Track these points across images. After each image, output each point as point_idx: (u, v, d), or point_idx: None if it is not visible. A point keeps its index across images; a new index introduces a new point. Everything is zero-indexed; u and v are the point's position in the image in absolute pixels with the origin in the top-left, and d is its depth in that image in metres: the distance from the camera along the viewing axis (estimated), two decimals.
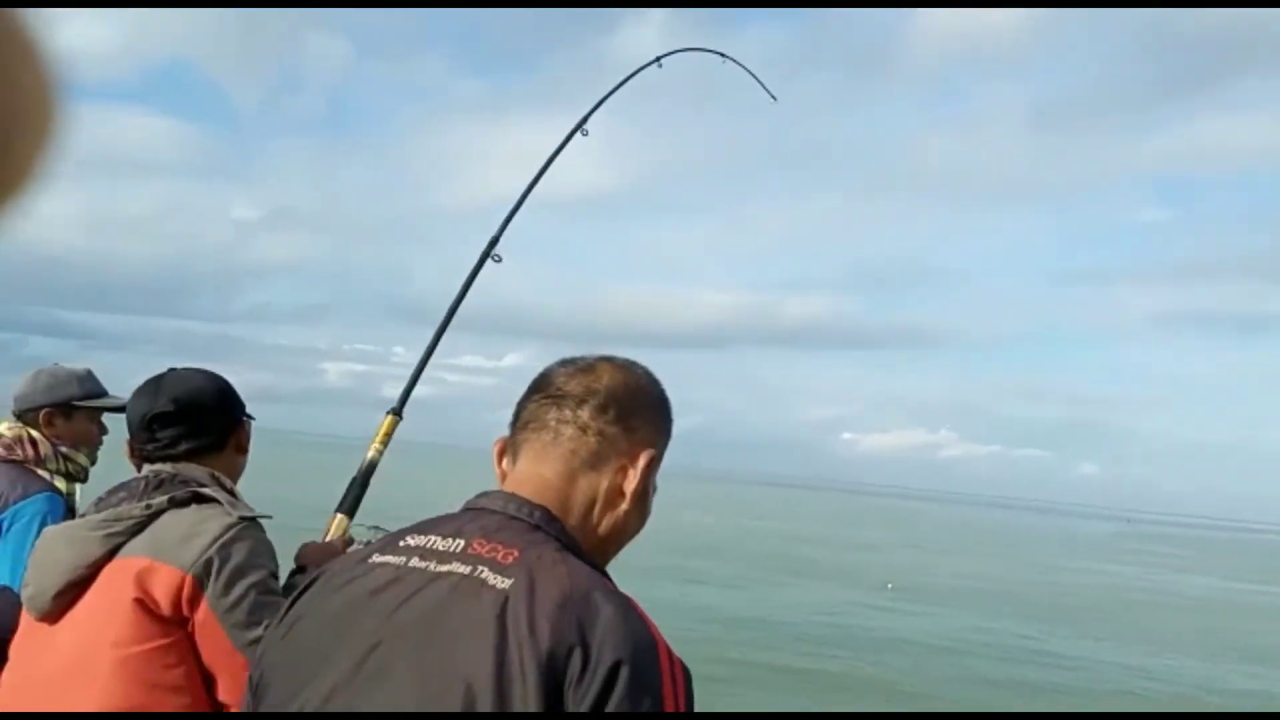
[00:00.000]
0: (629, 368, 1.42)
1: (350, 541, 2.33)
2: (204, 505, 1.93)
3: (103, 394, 3.08)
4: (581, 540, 1.33)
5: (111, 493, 2.00)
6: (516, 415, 1.42)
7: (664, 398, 1.44)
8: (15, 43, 0.41)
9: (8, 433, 2.98)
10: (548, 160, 3.09)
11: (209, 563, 1.83)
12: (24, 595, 1.96)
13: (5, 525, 2.81)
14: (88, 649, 1.83)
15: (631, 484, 1.35)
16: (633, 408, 1.38)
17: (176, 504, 1.91)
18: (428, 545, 1.28)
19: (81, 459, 3.03)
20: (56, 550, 1.92)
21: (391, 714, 1.20)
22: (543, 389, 1.40)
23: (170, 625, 1.82)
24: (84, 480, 3.06)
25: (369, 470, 2.49)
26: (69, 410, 3.00)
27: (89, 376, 3.07)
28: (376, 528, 2.37)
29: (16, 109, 0.41)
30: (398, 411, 2.61)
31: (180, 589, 1.82)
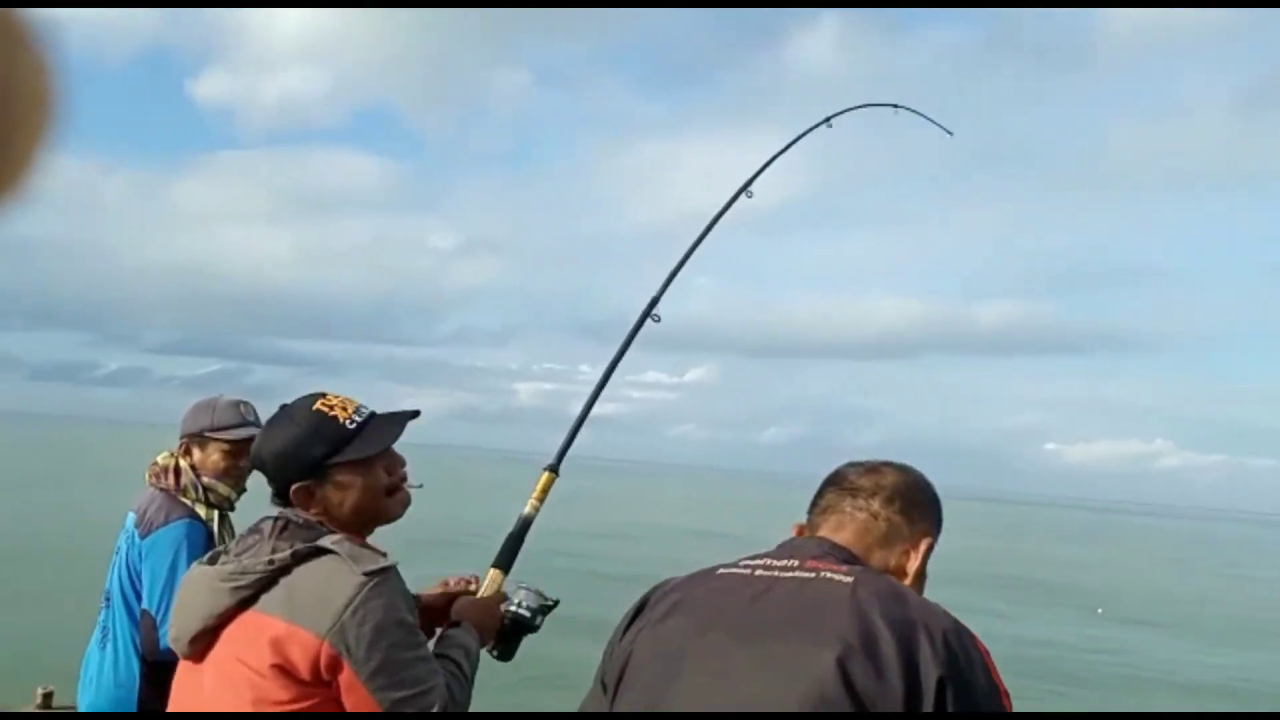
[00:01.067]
0: (907, 470, 1.74)
1: (504, 598, 2.30)
2: (327, 558, 1.88)
3: (237, 425, 3.04)
4: None
5: (251, 531, 2.02)
6: (814, 505, 1.73)
7: (937, 495, 1.73)
8: (8, 36, 0.41)
9: (160, 460, 3.08)
10: (711, 222, 2.98)
11: (344, 629, 1.80)
12: (169, 634, 2.02)
13: (145, 552, 2.93)
14: (232, 702, 1.85)
15: (914, 564, 1.65)
16: (913, 501, 1.68)
17: (299, 558, 1.87)
18: (764, 564, 1.61)
19: (222, 489, 3.03)
20: (197, 594, 1.94)
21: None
22: (837, 483, 1.72)
23: (313, 688, 1.82)
24: (230, 508, 3.07)
25: (525, 526, 2.46)
26: (203, 441, 3.05)
27: (229, 407, 3.07)
28: (528, 588, 2.33)
29: (12, 102, 0.41)
30: (554, 468, 2.56)
31: (318, 657, 1.81)
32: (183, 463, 3.05)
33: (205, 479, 3.03)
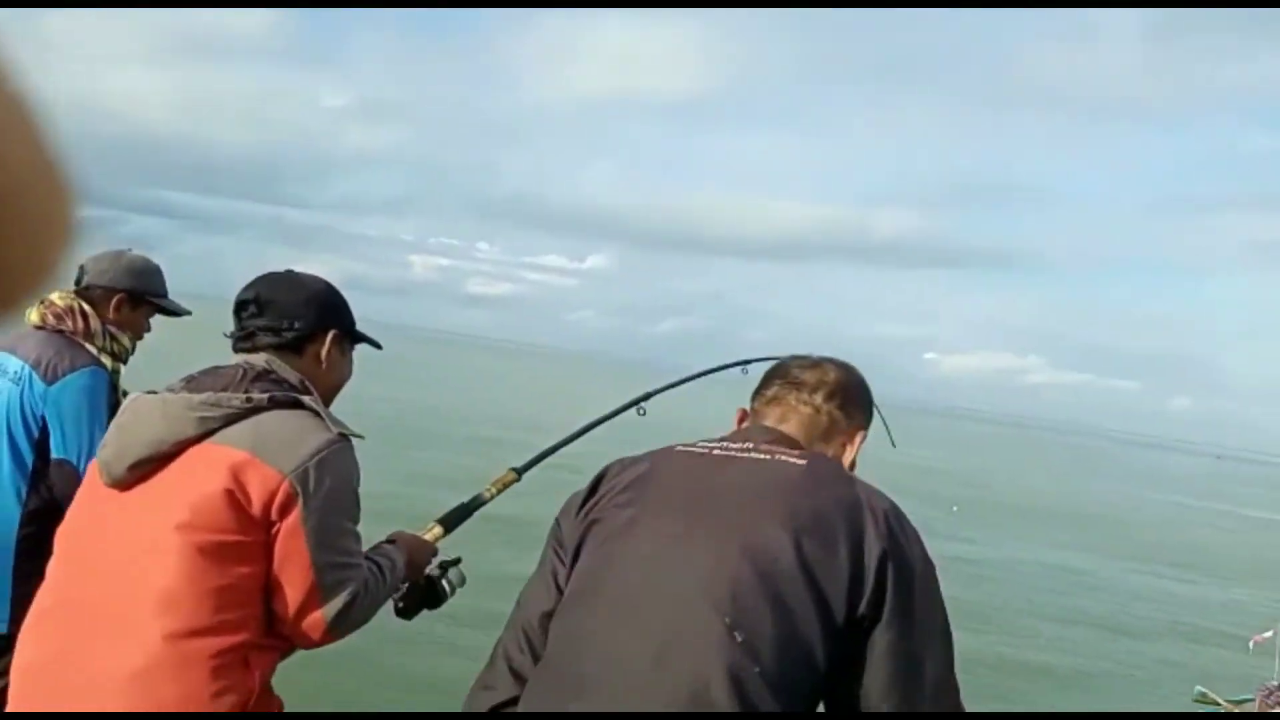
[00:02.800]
0: (848, 368, 1.87)
1: (436, 552, 2.35)
2: (303, 411, 1.90)
3: (166, 294, 3.06)
4: None
5: (205, 373, 1.97)
6: (758, 394, 1.86)
7: (870, 394, 1.89)
8: (21, 132, 0.44)
9: (59, 302, 2.90)
10: (598, 420, 2.85)
11: (306, 473, 1.81)
12: (101, 455, 1.93)
13: (56, 399, 2.80)
14: (160, 526, 1.80)
15: (848, 456, 1.81)
16: (851, 398, 1.83)
17: (276, 404, 1.88)
18: (720, 445, 1.71)
19: (125, 341, 2.99)
20: (149, 419, 1.87)
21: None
22: (783, 376, 1.84)
23: (255, 525, 1.80)
24: (125, 361, 3.01)
25: (477, 504, 2.55)
26: (139, 300, 2.99)
27: (159, 272, 3.05)
28: (458, 564, 2.39)
29: (31, 219, 0.45)
30: (519, 471, 2.63)
31: (275, 492, 1.79)
32: (89, 309, 2.90)
33: (112, 329, 2.93)
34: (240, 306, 2.05)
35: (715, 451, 1.70)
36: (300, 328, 2.03)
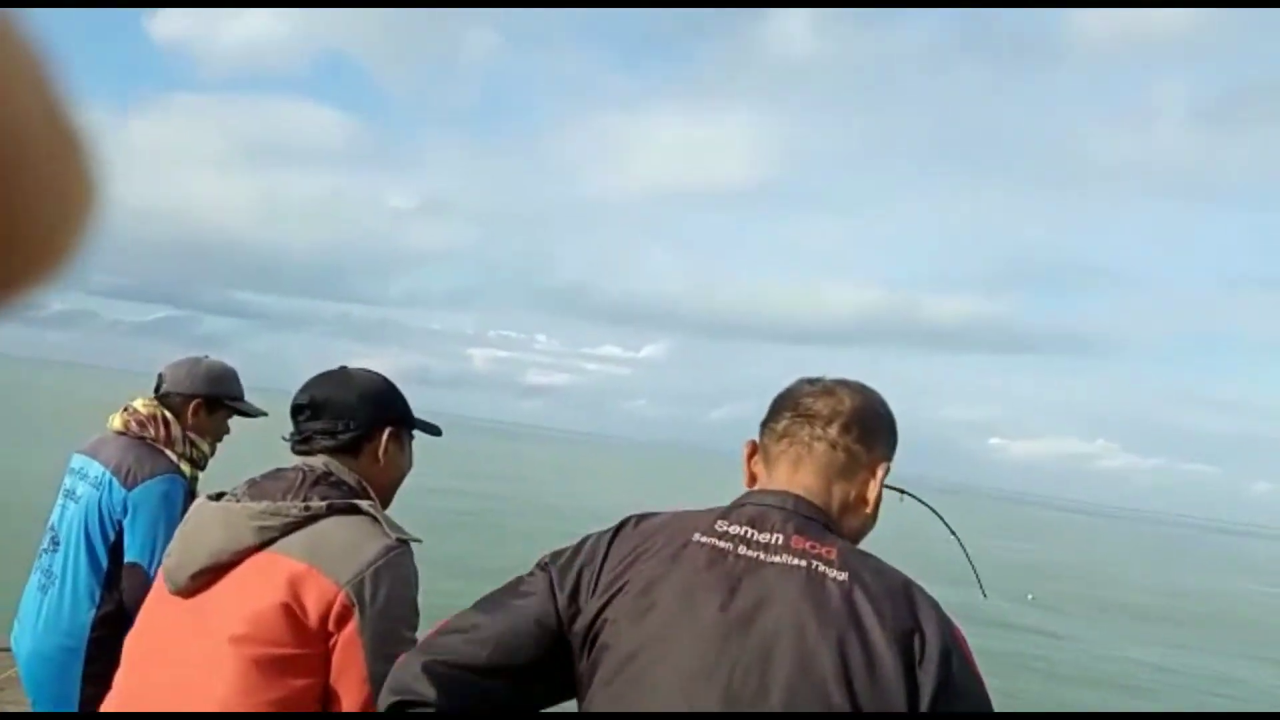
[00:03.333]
0: (864, 391, 1.66)
1: None
2: (361, 517, 1.87)
3: (243, 397, 3.14)
4: None
5: (267, 478, 1.95)
6: (767, 427, 1.66)
7: (893, 418, 1.68)
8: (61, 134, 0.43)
9: (142, 409, 2.98)
10: None
11: (363, 584, 1.77)
12: (165, 564, 1.93)
13: (134, 504, 2.84)
14: (218, 638, 1.78)
15: (872, 492, 1.61)
16: (871, 427, 1.63)
17: (334, 511, 1.86)
18: (748, 536, 1.51)
19: (204, 447, 3.04)
20: (211, 529, 1.86)
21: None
22: (791, 407, 1.64)
23: (312, 638, 1.76)
24: (203, 468, 3.07)
25: None
26: (217, 405, 3.05)
27: (236, 377, 3.12)
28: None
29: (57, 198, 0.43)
30: None
31: (332, 604, 1.76)
32: (170, 416, 2.97)
33: (192, 435, 2.99)
34: (296, 410, 2.04)
35: (741, 551, 1.49)
36: (355, 428, 2.01)
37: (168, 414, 2.98)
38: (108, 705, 1.92)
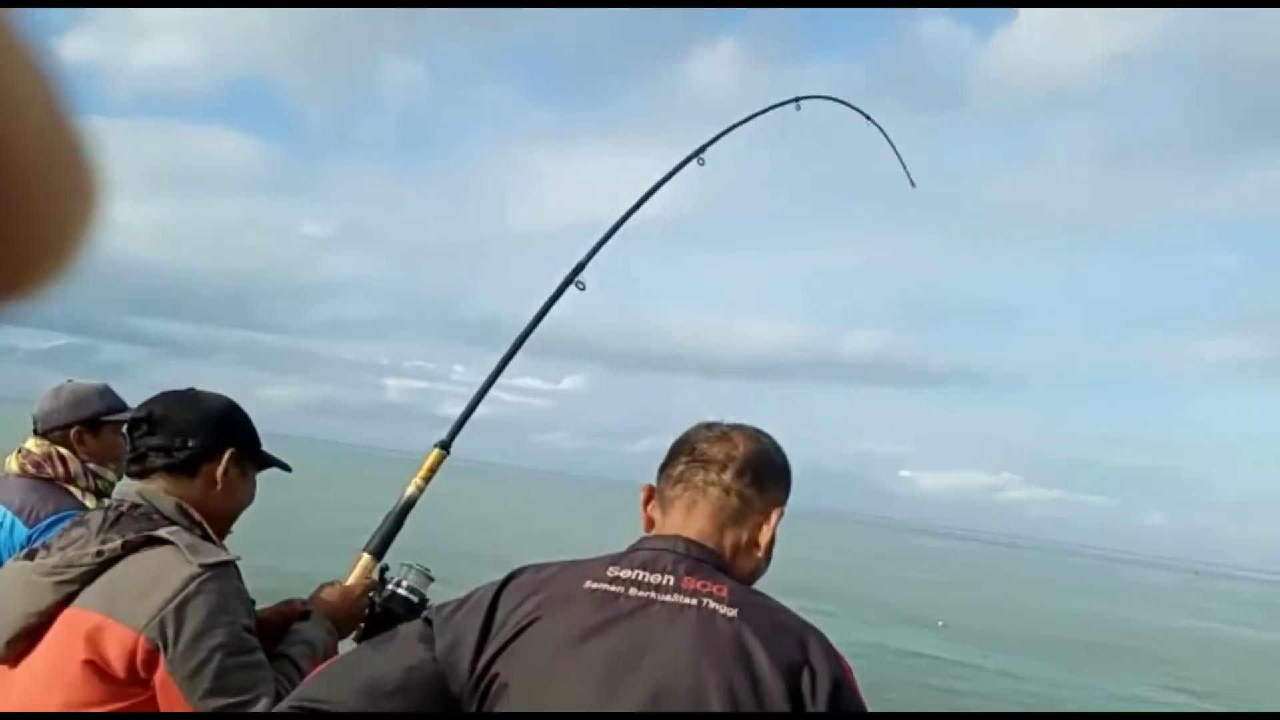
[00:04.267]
0: (758, 436, 1.69)
1: (371, 586, 2.12)
2: (161, 549, 1.75)
3: (124, 408, 2.96)
4: None
5: (75, 525, 1.87)
6: (664, 472, 1.68)
7: (787, 463, 1.71)
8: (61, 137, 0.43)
9: (36, 450, 2.89)
10: (655, 185, 2.85)
11: (164, 623, 1.67)
12: None
13: (33, 539, 2.67)
14: (37, 703, 1.70)
15: (765, 536, 1.63)
16: (764, 473, 1.65)
17: (131, 548, 1.74)
18: (640, 578, 1.50)
19: (110, 475, 2.93)
20: (13, 594, 1.77)
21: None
22: (687, 452, 1.66)
23: (126, 687, 1.68)
24: (109, 494, 2.90)
25: (406, 507, 2.29)
26: (96, 426, 2.91)
27: (109, 391, 3.00)
28: (413, 566, 2.14)
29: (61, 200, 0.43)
30: (445, 446, 2.41)
31: (134, 651, 1.66)
32: (65, 452, 2.88)
33: (92, 465, 2.89)
34: (133, 425, 1.93)
35: (631, 592, 1.49)
36: (194, 446, 1.89)
37: (62, 450, 2.87)
38: None
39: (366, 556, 2.20)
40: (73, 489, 2.85)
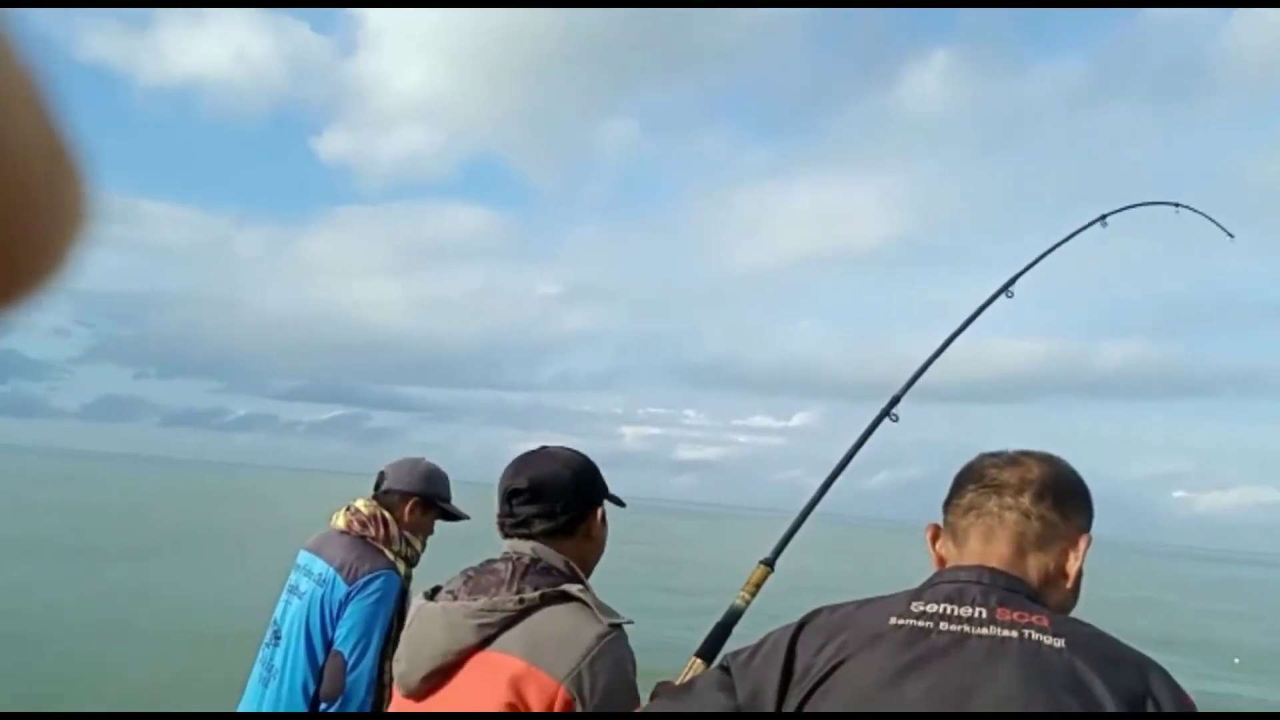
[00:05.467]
0: (1052, 460, 1.55)
1: None
2: (573, 605, 1.90)
3: (450, 499, 3.32)
4: None
5: (480, 571, 2.01)
6: (950, 504, 1.57)
7: (1087, 487, 1.55)
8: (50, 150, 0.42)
9: (364, 509, 3.16)
10: (967, 320, 2.83)
11: (580, 677, 1.79)
12: (396, 670, 1.99)
13: (351, 595, 2.99)
14: None
15: (1073, 565, 1.49)
16: (1065, 496, 1.51)
17: (548, 601, 1.89)
18: (948, 612, 1.40)
19: (417, 545, 3.21)
20: (433, 630, 1.92)
21: None
22: (976, 480, 1.54)
23: None
24: (415, 565, 3.22)
25: (733, 618, 2.34)
26: (429, 504, 3.22)
27: (447, 479, 3.32)
28: None
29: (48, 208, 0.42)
30: (770, 563, 2.44)
31: (553, 700, 1.79)
32: (388, 515, 3.15)
33: (407, 534, 3.16)
34: (512, 494, 2.06)
35: (942, 626, 1.38)
36: (571, 509, 2.04)
37: (386, 514, 3.15)
38: None
39: (698, 661, 2.28)
40: (387, 551, 3.11)
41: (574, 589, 1.92)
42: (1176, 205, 3.33)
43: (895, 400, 2.66)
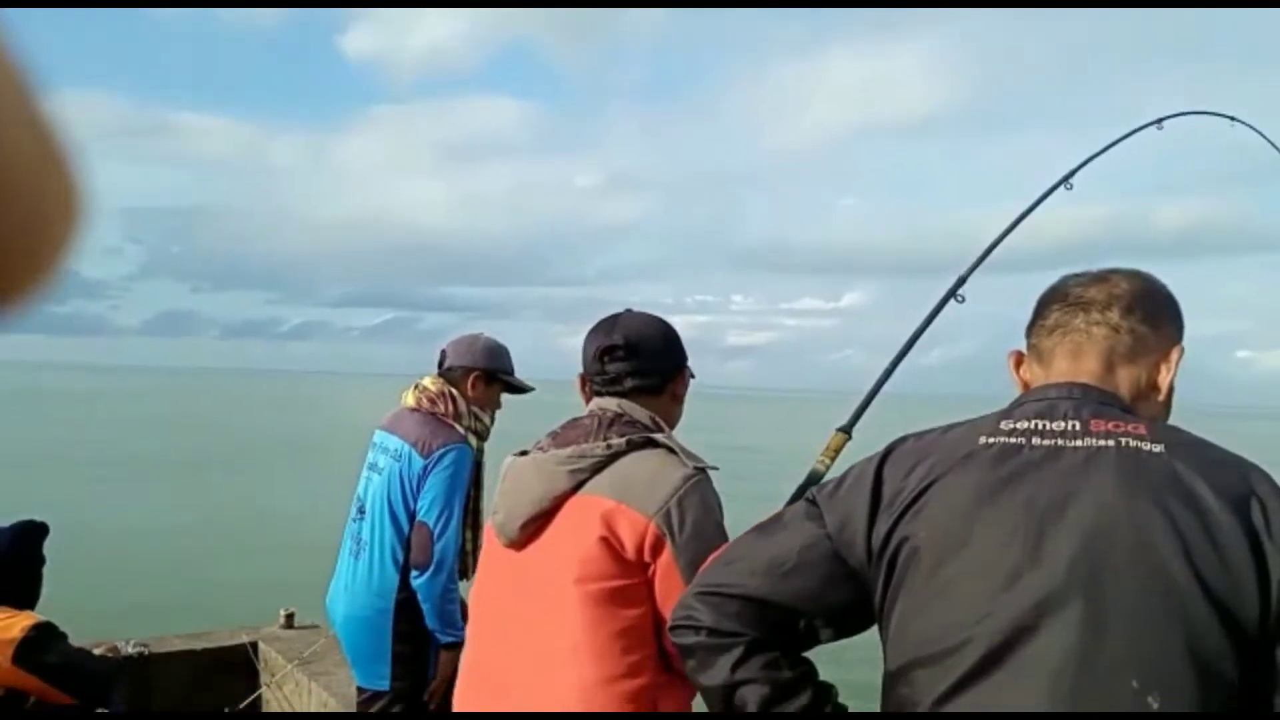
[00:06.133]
0: (1139, 274, 1.50)
1: None
2: (659, 450, 1.96)
3: (513, 373, 3.41)
4: None
5: (566, 427, 2.07)
6: (1035, 325, 1.53)
7: (1176, 299, 1.51)
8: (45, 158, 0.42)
9: (432, 386, 3.27)
10: (1024, 212, 2.78)
11: (669, 513, 1.86)
12: (494, 521, 2.06)
13: (429, 471, 3.12)
14: (557, 581, 1.89)
15: (1166, 378, 1.45)
16: (1155, 308, 1.47)
17: (635, 447, 1.95)
18: (1040, 428, 1.37)
19: (486, 420, 3.32)
20: (528, 481, 1.99)
21: None
22: (1060, 299, 1.50)
23: (633, 568, 1.86)
24: (485, 439, 3.34)
25: (814, 481, 2.33)
26: (491, 378, 3.31)
27: (508, 353, 3.40)
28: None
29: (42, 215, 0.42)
30: (847, 430, 2.46)
31: (644, 535, 1.85)
32: (455, 392, 3.28)
33: (475, 409, 3.29)
34: (606, 351, 2.10)
35: (1035, 441, 1.36)
36: (663, 369, 2.11)
37: (453, 390, 3.28)
38: (462, 661, 2.09)
39: None
40: (457, 425, 3.25)
41: (660, 436, 1.99)
42: (1232, 119, 3.25)
43: (961, 281, 2.62)
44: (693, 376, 2.26)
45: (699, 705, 1.80)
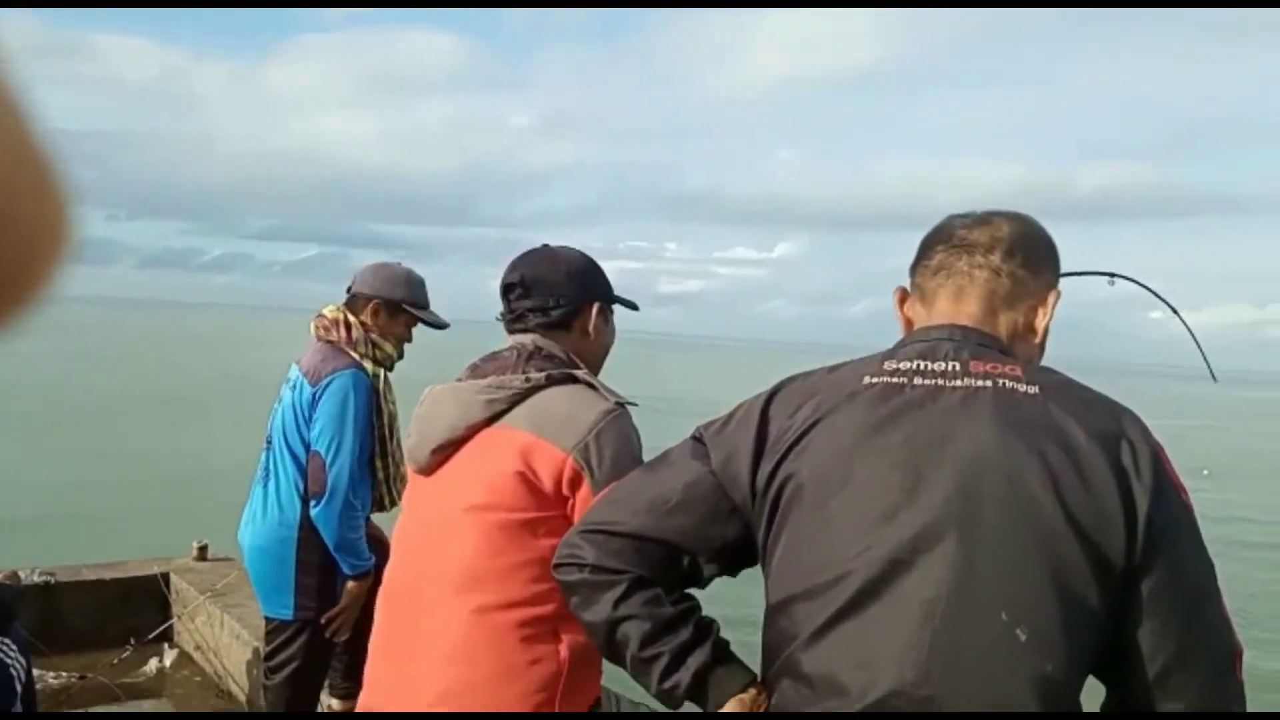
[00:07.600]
0: (1020, 217, 1.55)
1: None
2: (578, 385, 1.97)
3: (427, 306, 3.32)
4: None
5: (486, 359, 2.06)
6: (919, 265, 1.56)
7: (1054, 243, 1.56)
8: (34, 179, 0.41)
9: (329, 314, 3.24)
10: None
11: (587, 448, 1.86)
12: (406, 445, 2.07)
13: (317, 396, 3.10)
14: (460, 507, 1.90)
15: (1042, 321, 1.51)
16: (1035, 252, 1.52)
17: (554, 382, 1.95)
18: (921, 368, 1.42)
19: (388, 348, 3.25)
20: (444, 408, 1.99)
21: None
22: (945, 240, 1.54)
23: (550, 501, 1.87)
24: (389, 368, 3.29)
25: None
26: (395, 309, 3.25)
27: (421, 285, 3.32)
28: None
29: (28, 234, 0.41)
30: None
31: (563, 469, 1.86)
32: (352, 319, 3.23)
33: (374, 336, 3.23)
34: (507, 289, 2.11)
35: (916, 381, 1.40)
36: (565, 304, 2.08)
37: (349, 316, 3.23)
38: (382, 588, 2.07)
39: None
40: (351, 352, 3.20)
41: (579, 372, 1.99)
42: (1112, 276, 2.58)
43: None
44: (634, 308, 2.23)
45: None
